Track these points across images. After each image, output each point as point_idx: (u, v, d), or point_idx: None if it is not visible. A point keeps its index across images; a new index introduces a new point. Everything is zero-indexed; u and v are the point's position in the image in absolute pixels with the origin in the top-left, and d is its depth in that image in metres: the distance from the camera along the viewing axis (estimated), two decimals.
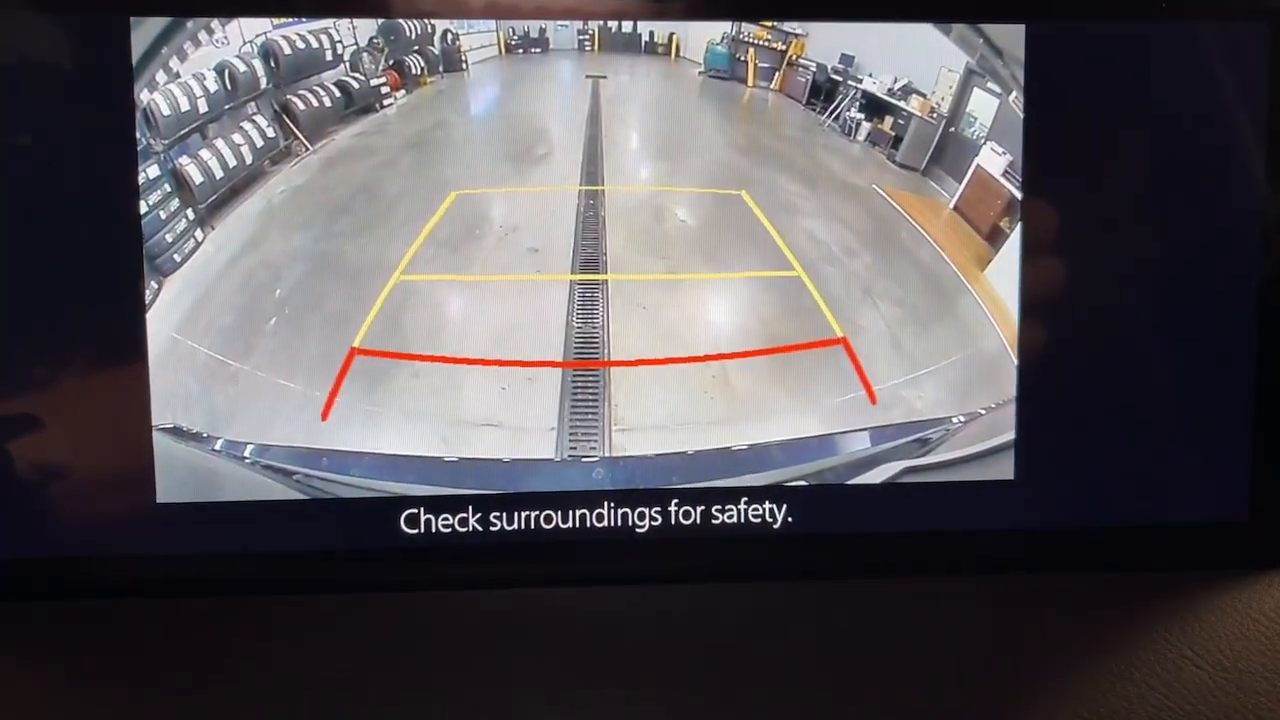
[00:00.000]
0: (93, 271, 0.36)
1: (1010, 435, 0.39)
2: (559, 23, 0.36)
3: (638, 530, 0.38)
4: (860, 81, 0.38)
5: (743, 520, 0.38)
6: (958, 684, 0.37)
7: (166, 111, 0.36)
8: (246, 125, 0.36)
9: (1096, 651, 0.37)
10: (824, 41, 0.37)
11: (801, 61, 0.38)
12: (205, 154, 0.36)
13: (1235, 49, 0.38)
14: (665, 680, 0.37)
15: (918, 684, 0.37)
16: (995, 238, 0.38)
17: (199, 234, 0.36)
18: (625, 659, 0.37)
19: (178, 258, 0.36)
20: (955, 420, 0.39)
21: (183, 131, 0.36)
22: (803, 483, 0.38)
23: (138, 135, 0.35)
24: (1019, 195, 0.38)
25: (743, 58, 0.37)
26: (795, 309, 0.38)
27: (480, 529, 0.38)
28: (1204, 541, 0.40)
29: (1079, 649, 0.37)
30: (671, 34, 0.37)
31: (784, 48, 0.37)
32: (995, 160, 0.38)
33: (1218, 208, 0.38)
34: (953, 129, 0.38)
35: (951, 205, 0.39)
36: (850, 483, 0.39)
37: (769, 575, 0.39)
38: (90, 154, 0.35)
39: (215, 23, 0.35)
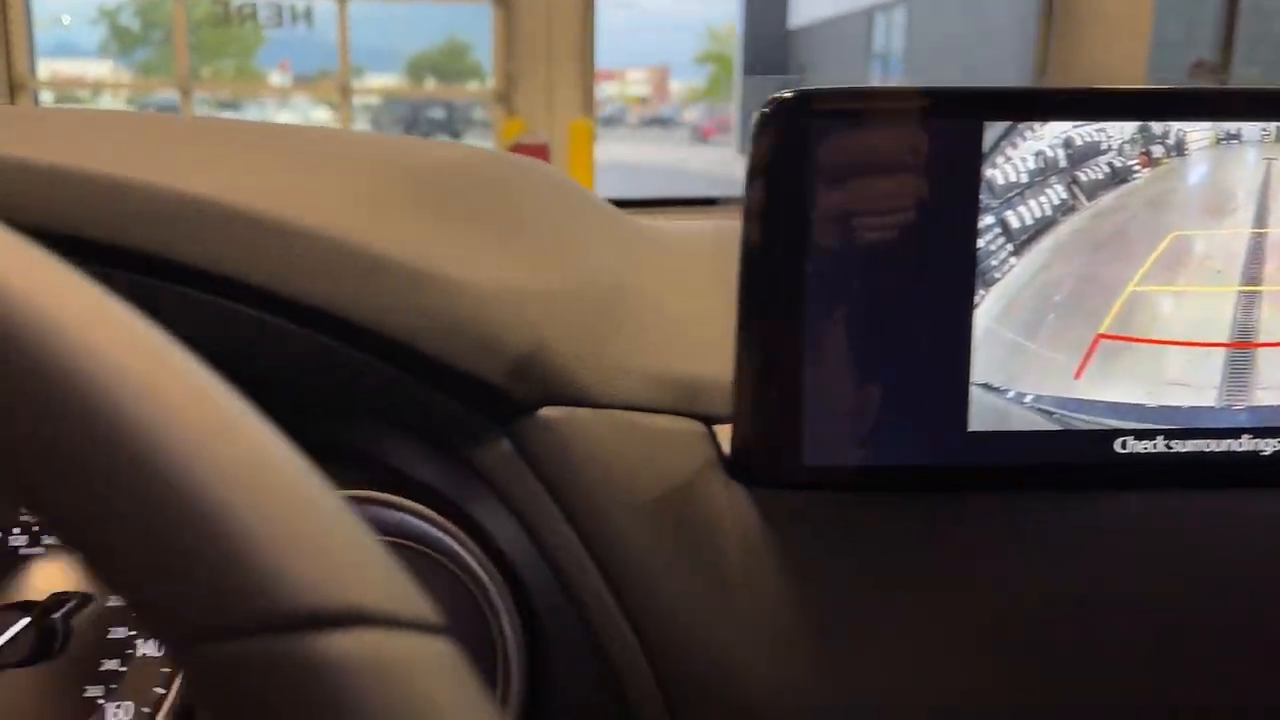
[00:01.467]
0: (943, 283, 0.56)
1: None
2: None
3: (1262, 454, 0.59)
4: None
5: None
6: None
7: (1001, 181, 0.55)
8: (1048, 190, 0.56)
9: None
10: None
11: None
12: (1021, 208, 0.56)
13: None
14: None
15: None
16: None
17: (1012, 260, 0.56)
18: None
19: (998, 275, 0.56)
20: None
21: (1009, 195, 0.56)
22: None
23: (981, 197, 0.55)
24: None
25: None
26: None
27: (1165, 450, 0.58)
28: None
29: None
30: None
31: None
32: None
33: None
34: None
35: None
36: None
37: None
38: (950, 209, 0.55)
39: (1037, 124, 0.55)
